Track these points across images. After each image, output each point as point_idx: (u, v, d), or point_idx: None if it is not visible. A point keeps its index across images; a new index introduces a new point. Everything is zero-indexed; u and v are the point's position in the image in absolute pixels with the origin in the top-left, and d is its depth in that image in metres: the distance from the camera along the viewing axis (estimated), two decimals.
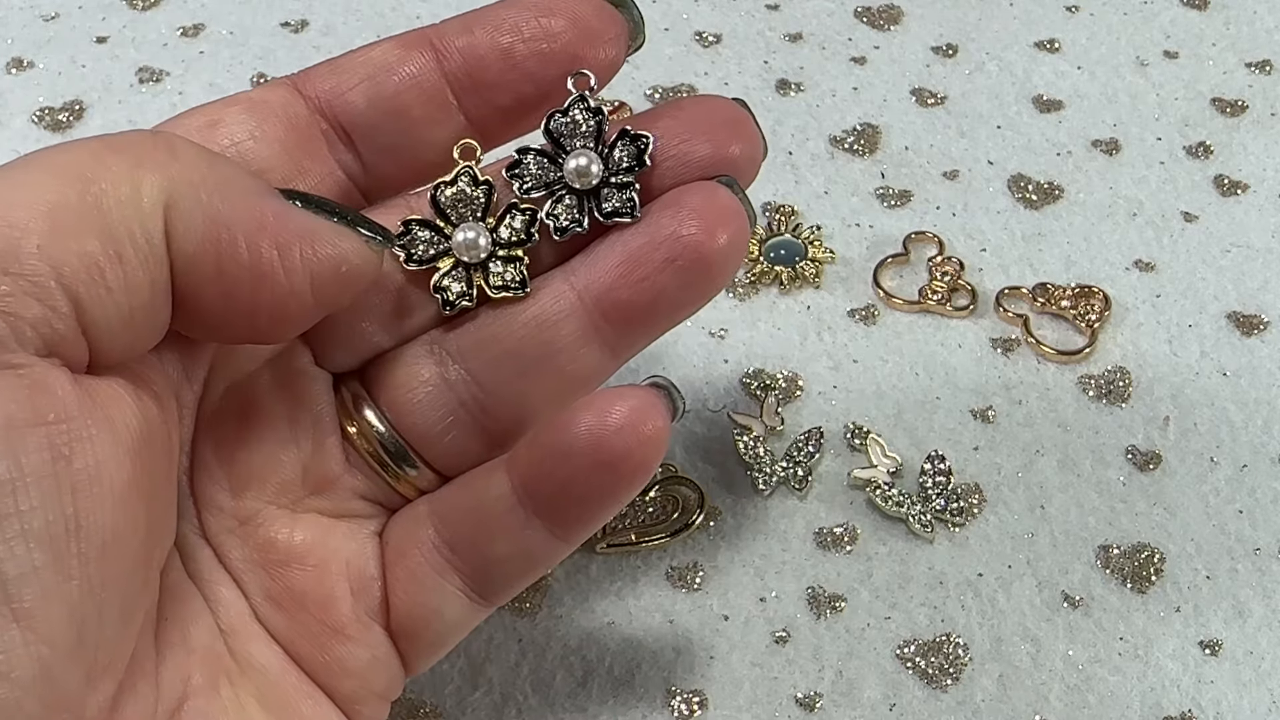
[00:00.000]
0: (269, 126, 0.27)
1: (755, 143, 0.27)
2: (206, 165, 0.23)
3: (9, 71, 0.47)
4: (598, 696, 0.33)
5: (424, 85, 0.27)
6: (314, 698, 0.27)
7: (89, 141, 0.23)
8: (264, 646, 0.26)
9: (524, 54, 0.27)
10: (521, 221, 0.27)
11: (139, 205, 0.22)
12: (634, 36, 0.28)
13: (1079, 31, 0.48)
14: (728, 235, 0.26)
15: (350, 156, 0.28)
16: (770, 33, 0.48)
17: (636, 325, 0.27)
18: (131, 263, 0.22)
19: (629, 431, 0.25)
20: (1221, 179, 0.43)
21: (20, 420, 0.20)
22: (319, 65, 0.28)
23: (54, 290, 0.20)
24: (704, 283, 0.26)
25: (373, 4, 0.49)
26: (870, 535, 0.35)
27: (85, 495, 0.21)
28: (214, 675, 0.25)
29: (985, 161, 0.44)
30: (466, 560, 0.27)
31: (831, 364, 0.39)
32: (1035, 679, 0.33)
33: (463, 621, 0.28)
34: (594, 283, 0.27)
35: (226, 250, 0.23)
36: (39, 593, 0.20)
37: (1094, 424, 0.37)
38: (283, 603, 0.27)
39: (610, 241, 0.27)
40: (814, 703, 0.32)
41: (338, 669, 0.27)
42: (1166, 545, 0.35)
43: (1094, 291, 0.40)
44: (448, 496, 0.28)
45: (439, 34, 0.27)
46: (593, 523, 0.27)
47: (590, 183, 0.27)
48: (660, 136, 0.27)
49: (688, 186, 0.27)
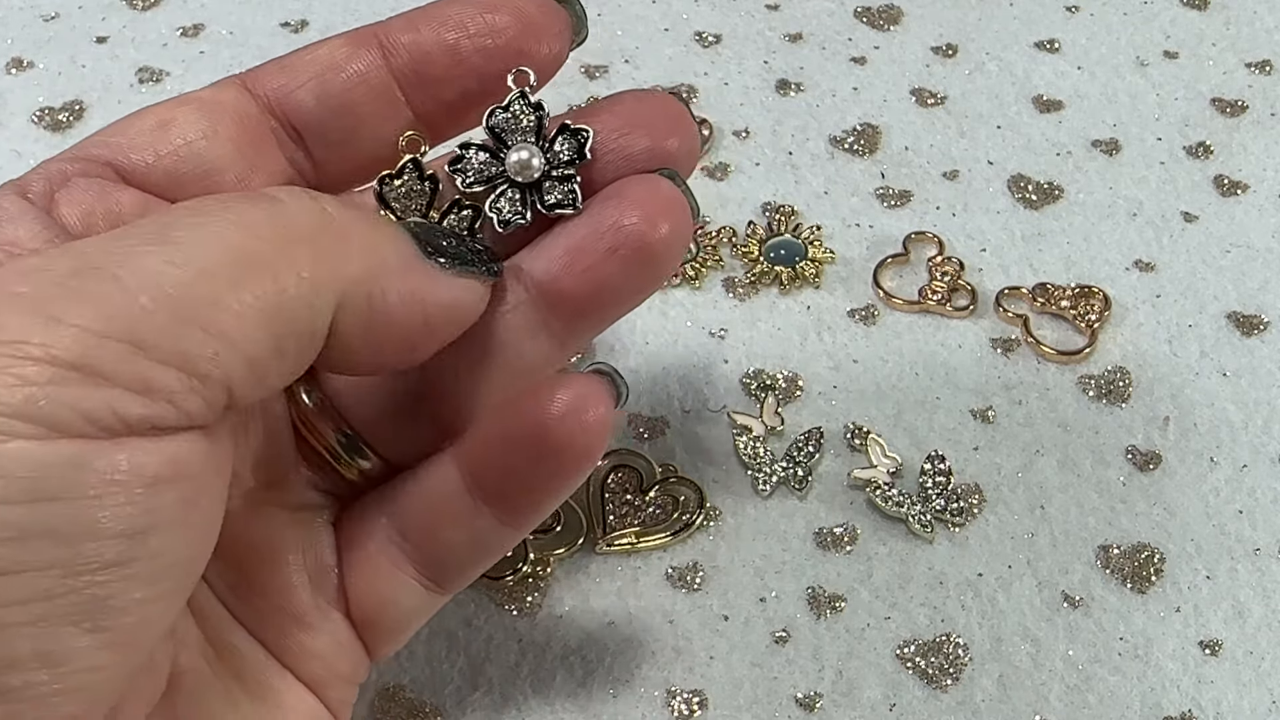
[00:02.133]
0: (221, 126, 0.27)
1: (693, 136, 0.28)
2: (372, 249, 0.24)
3: (9, 71, 0.47)
4: (598, 696, 0.33)
5: (372, 82, 0.27)
6: (288, 681, 0.27)
7: (269, 216, 0.23)
8: (237, 632, 0.27)
9: (469, 49, 0.27)
10: (467, 217, 0.28)
11: (313, 307, 0.22)
12: (577, 30, 0.28)
13: (1079, 31, 0.48)
14: (669, 225, 0.26)
15: (300, 153, 0.28)
16: (770, 33, 0.48)
17: (582, 315, 0.27)
18: (289, 356, 0.22)
19: (571, 419, 0.25)
20: (1221, 179, 0.43)
21: (164, 479, 0.21)
22: (268, 64, 0.28)
23: (218, 389, 0.21)
24: (647, 272, 0.27)
25: (372, 4, 0.49)
26: (870, 535, 0.35)
27: (199, 539, 0.22)
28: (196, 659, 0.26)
29: (985, 161, 0.44)
30: (419, 548, 0.27)
31: (831, 364, 0.39)
32: (1035, 679, 0.33)
33: (420, 608, 0.28)
34: (539, 274, 0.27)
35: (378, 330, 0.24)
36: (136, 623, 0.21)
37: (1094, 424, 0.37)
38: (244, 592, 0.27)
39: (554, 234, 0.27)
40: (814, 703, 0.32)
41: (302, 654, 0.27)
42: (1166, 545, 0.35)
43: (1094, 291, 0.40)
44: (399, 486, 0.28)
45: (385, 31, 0.28)
46: (541, 510, 0.27)
47: (532, 176, 0.27)
48: (600, 131, 0.27)
49: (629, 179, 0.27)
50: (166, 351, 0.20)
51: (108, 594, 0.20)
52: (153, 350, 0.20)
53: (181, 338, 0.20)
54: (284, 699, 0.27)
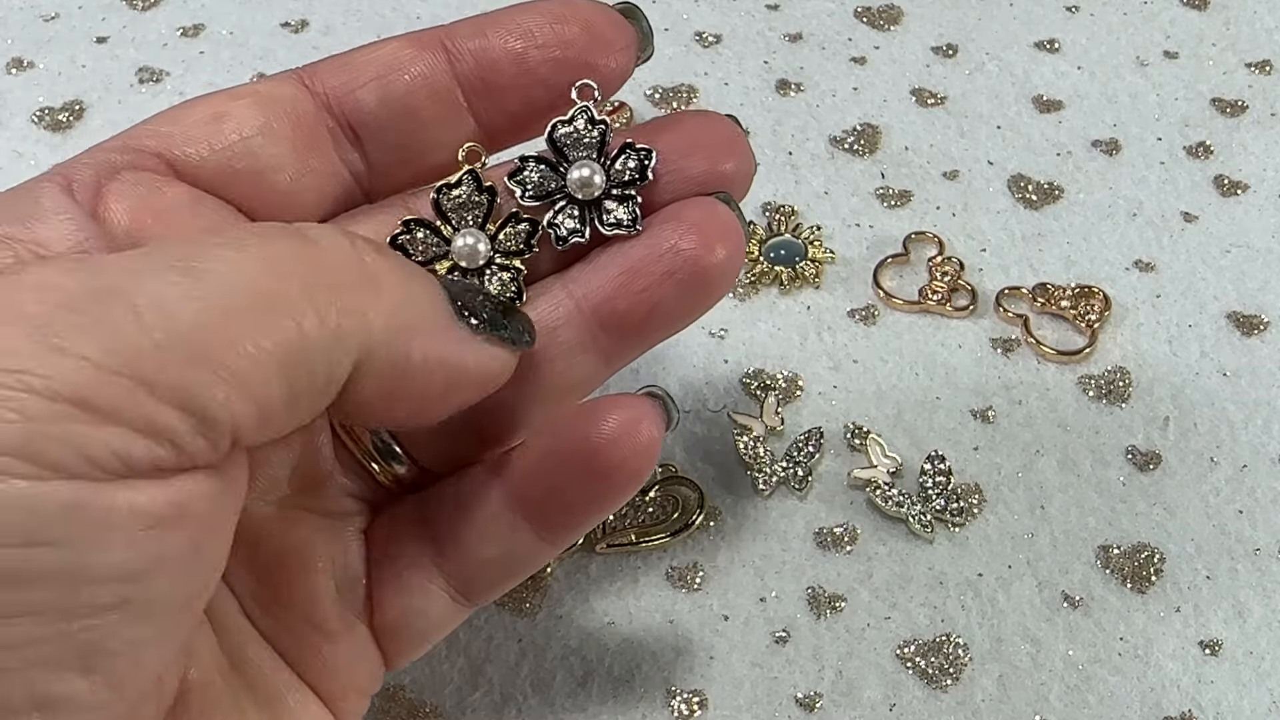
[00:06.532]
0: (277, 122, 0.26)
1: (748, 160, 0.28)
2: (404, 304, 0.23)
3: (9, 71, 0.47)
4: (598, 696, 0.33)
5: (435, 86, 0.27)
6: (300, 692, 0.27)
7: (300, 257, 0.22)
8: (253, 642, 0.27)
9: (537, 59, 0.27)
10: (524, 231, 0.27)
11: (331, 358, 0.21)
12: (643, 47, 0.28)
13: (1079, 31, 0.48)
14: (726, 250, 0.26)
15: (356, 155, 0.27)
16: (770, 33, 0.48)
17: (632, 335, 0.27)
18: (301, 404, 0.21)
19: (624, 441, 0.25)
20: (1221, 179, 0.43)
21: (167, 522, 0.20)
22: (327, 60, 0.28)
23: (224, 433, 0.20)
24: (701, 296, 0.27)
25: (372, 4, 0.49)
26: (870, 535, 0.35)
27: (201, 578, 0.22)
28: (209, 670, 0.25)
29: (985, 161, 0.44)
30: (452, 560, 0.27)
31: (831, 364, 0.39)
32: (1035, 679, 0.33)
33: (445, 620, 0.28)
34: (593, 292, 0.27)
35: (395, 387, 0.23)
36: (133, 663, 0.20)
37: (1094, 424, 0.37)
38: (268, 601, 0.27)
39: (610, 252, 0.27)
40: (814, 703, 0.32)
41: (321, 665, 0.27)
42: (1166, 545, 0.35)
43: (1094, 291, 0.40)
44: (434, 496, 0.28)
45: (451, 35, 0.27)
46: (581, 528, 0.27)
47: (593, 194, 0.27)
48: (659, 151, 0.27)
49: (687, 201, 0.27)
50: (174, 391, 0.19)
51: (103, 637, 0.19)
52: (159, 389, 0.19)
53: (192, 379, 0.19)
54: (295, 713, 0.26)
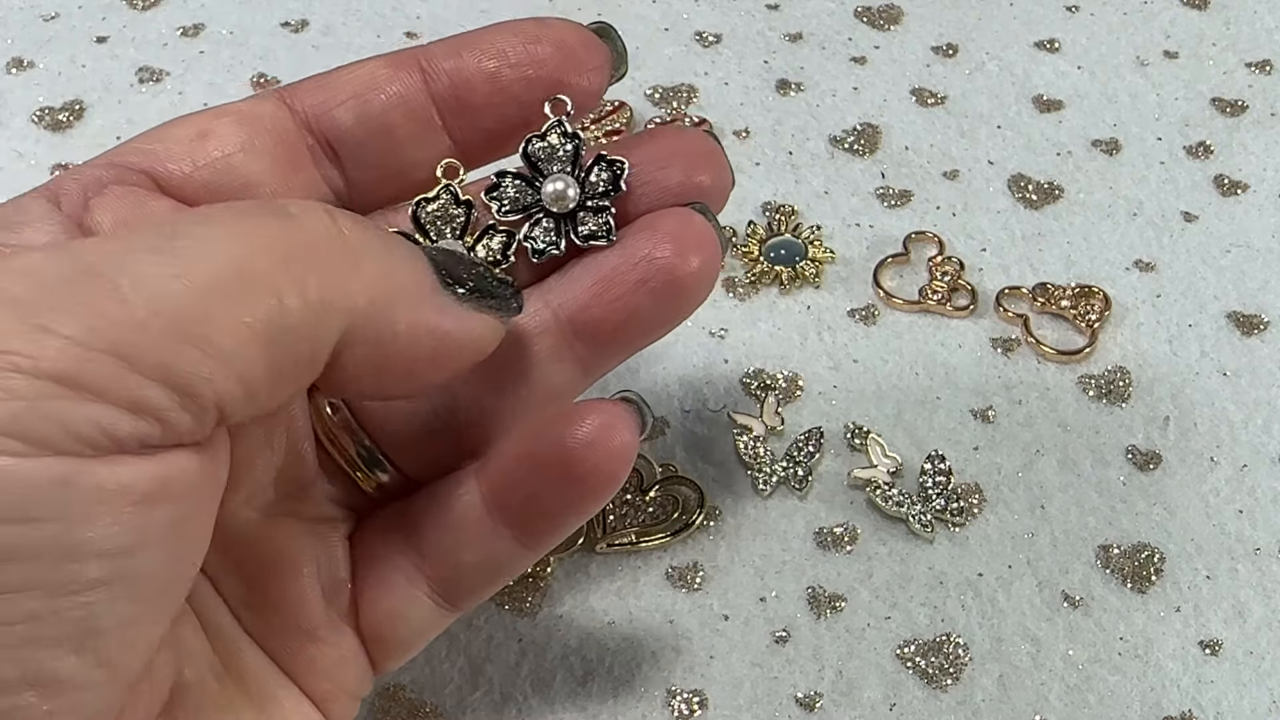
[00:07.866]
0: (259, 140, 0.27)
1: (725, 174, 0.28)
2: (386, 274, 0.23)
3: (9, 71, 0.47)
4: (598, 696, 0.33)
5: (410, 104, 0.27)
6: (293, 694, 0.27)
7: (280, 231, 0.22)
8: (245, 645, 0.27)
9: (510, 79, 0.27)
10: (499, 243, 0.28)
11: (315, 332, 0.22)
12: (616, 66, 0.28)
13: (1079, 31, 0.48)
14: (700, 259, 0.27)
15: (335, 172, 0.28)
16: (770, 33, 0.48)
17: (608, 343, 0.28)
18: (286, 379, 0.22)
19: (598, 446, 0.25)
20: (1221, 179, 0.43)
21: (153, 497, 0.20)
22: (307, 80, 0.28)
23: (209, 408, 0.21)
24: (676, 304, 0.27)
25: (372, 4, 0.49)
26: (870, 535, 0.35)
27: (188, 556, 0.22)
28: (202, 671, 0.25)
29: (985, 161, 0.44)
30: (434, 566, 0.27)
31: (831, 364, 0.39)
32: (1035, 679, 0.33)
33: (429, 626, 0.28)
34: (569, 301, 0.27)
35: (382, 359, 0.23)
36: (123, 641, 0.21)
37: (1094, 424, 0.37)
38: (255, 605, 0.27)
39: (586, 263, 0.28)
40: (814, 703, 0.32)
41: (309, 668, 0.27)
42: (1166, 545, 0.35)
43: (1094, 291, 0.40)
44: (417, 503, 0.28)
45: (427, 55, 0.28)
46: (560, 533, 0.27)
47: (567, 206, 0.28)
48: (634, 163, 0.27)
49: (662, 211, 0.27)
50: (158, 368, 0.20)
51: (93, 614, 0.20)
52: (144, 366, 0.19)
53: (175, 355, 0.20)
54: (288, 713, 0.27)
